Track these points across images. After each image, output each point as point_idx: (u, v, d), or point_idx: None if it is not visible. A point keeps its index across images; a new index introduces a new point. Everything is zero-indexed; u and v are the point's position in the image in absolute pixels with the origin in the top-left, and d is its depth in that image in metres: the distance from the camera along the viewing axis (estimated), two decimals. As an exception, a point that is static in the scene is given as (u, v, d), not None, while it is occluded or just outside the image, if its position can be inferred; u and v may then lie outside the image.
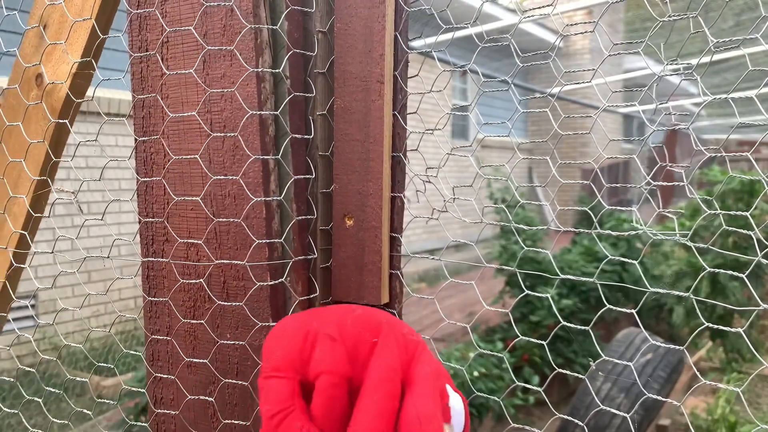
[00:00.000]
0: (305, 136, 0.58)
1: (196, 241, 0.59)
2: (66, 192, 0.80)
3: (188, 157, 0.58)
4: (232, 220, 0.56)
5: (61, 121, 0.72)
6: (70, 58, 0.69)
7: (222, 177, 0.56)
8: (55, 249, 3.71)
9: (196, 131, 0.58)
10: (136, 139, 0.62)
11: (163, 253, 0.61)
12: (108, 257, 0.71)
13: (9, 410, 0.71)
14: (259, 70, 0.53)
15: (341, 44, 0.56)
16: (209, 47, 0.55)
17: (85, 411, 0.69)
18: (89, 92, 0.72)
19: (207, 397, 0.59)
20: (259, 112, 0.53)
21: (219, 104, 0.55)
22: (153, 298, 0.62)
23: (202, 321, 0.58)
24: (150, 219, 0.62)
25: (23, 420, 0.78)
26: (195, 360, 0.59)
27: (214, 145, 0.56)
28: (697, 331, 0.60)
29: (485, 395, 0.59)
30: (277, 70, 0.55)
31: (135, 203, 0.65)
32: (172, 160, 0.59)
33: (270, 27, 0.54)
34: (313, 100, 0.58)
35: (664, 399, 0.43)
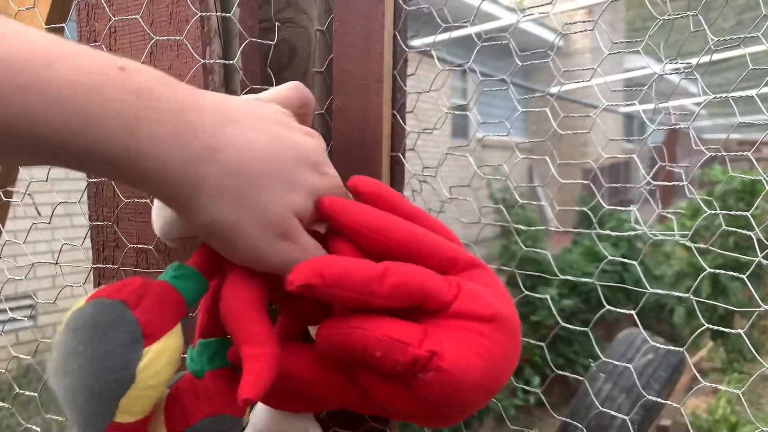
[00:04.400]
0: None
1: (145, 247, 0.56)
2: (19, 192, 0.78)
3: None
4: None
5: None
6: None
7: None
8: (52, 250, 3.70)
9: None
10: None
11: (113, 260, 0.59)
12: (56, 263, 0.69)
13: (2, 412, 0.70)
14: (206, 61, 0.51)
15: (340, 43, 0.55)
16: (157, 37, 0.52)
17: (54, 417, 0.67)
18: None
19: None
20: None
21: None
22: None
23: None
24: (100, 223, 0.60)
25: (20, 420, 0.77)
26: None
27: None
28: (697, 332, 0.60)
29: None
30: (227, 61, 0.52)
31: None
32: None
33: (220, 14, 0.52)
34: (311, 99, 0.57)
35: (663, 401, 0.43)
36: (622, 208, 0.54)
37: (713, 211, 0.50)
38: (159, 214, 0.42)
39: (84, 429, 0.32)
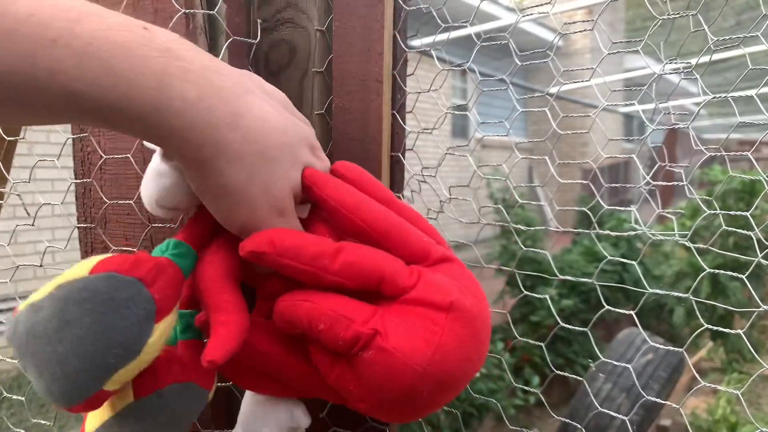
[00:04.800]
0: None
1: (132, 249, 0.56)
2: (6, 192, 0.78)
3: (119, 156, 0.56)
4: (166, 225, 0.54)
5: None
6: None
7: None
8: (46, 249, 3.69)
9: None
10: (72, 137, 0.59)
11: None
12: (41, 266, 0.68)
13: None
14: None
15: (339, 43, 0.55)
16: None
17: (42, 422, 0.65)
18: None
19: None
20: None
21: None
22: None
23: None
24: (87, 225, 0.60)
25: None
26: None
27: None
28: (697, 333, 0.60)
29: (485, 396, 0.59)
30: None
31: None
32: (103, 159, 0.56)
33: (205, 12, 0.52)
34: (311, 99, 0.57)
35: (663, 401, 0.43)
36: (622, 208, 0.54)
37: (713, 211, 0.50)
38: (155, 182, 0.41)
39: (63, 396, 0.32)
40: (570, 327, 0.52)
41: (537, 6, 0.54)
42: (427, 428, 2.48)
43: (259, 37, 0.55)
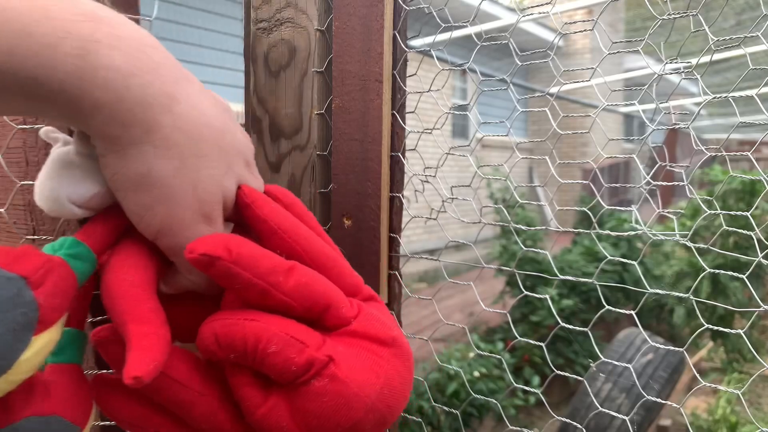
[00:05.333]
0: None
1: None
2: None
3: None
4: (43, 238, 0.48)
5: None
6: None
7: (32, 182, 0.46)
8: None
9: (10, 124, 0.49)
10: None
11: None
12: None
13: None
14: None
15: (339, 43, 0.55)
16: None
17: None
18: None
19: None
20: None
21: None
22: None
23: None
24: None
25: None
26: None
27: (30, 142, 0.47)
28: (697, 333, 0.60)
29: (485, 396, 0.59)
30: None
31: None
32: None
33: None
34: (311, 99, 0.57)
35: (663, 401, 0.43)
36: (622, 208, 0.54)
37: (713, 211, 0.50)
38: (63, 173, 0.35)
39: None
40: (570, 327, 0.52)
41: (537, 6, 0.54)
42: (427, 428, 2.48)
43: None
